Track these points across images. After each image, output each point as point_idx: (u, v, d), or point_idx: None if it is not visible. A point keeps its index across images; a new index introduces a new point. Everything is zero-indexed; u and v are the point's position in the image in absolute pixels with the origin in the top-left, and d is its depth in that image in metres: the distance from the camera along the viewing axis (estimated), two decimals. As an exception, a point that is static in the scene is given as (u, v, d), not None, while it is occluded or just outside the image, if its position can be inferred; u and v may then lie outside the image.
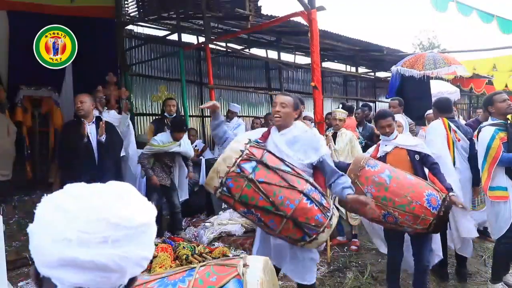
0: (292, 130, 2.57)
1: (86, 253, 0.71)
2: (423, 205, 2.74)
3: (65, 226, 0.72)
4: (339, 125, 4.74)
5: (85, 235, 0.71)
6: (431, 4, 6.75)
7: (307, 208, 2.17)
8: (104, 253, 0.71)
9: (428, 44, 26.22)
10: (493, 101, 3.50)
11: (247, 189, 2.15)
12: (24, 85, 6.11)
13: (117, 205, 0.76)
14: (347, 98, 11.66)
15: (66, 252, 0.71)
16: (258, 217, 2.23)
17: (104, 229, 0.72)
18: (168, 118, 5.40)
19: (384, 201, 2.80)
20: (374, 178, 2.85)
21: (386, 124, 3.24)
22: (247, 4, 5.49)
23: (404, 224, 2.82)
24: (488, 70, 10.63)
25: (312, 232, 2.20)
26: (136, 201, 0.80)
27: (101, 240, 0.71)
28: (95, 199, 0.75)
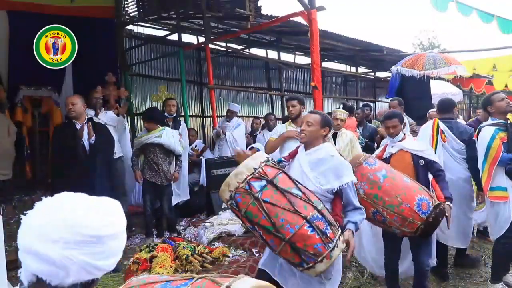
0: (318, 151, 2.53)
1: (42, 247, 0.87)
2: (413, 208, 2.75)
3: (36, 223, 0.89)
4: (339, 125, 4.73)
5: (45, 232, 0.87)
6: (431, 4, 6.75)
7: (307, 235, 2.13)
8: (55, 250, 0.87)
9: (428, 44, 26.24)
10: (491, 101, 3.51)
11: (252, 206, 2.19)
12: (24, 85, 6.11)
13: (81, 213, 0.90)
14: (347, 98, 11.66)
15: (32, 243, 0.88)
16: (260, 234, 2.25)
17: (60, 231, 0.87)
18: (169, 118, 5.40)
19: (375, 199, 2.83)
20: (369, 175, 2.87)
21: (391, 125, 3.26)
22: (247, 4, 5.49)
23: (391, 225, 2.85)
24: (488, 70, 10.62)
25: (310, 260, 2.15)
26: (104, 215, 0.92)
27: (55, 239, 0.86)
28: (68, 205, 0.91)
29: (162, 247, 4.07)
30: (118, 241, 0.97)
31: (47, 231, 0.88)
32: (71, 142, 3.81)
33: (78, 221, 0.90)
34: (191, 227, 5.50)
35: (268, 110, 10.76)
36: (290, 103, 4.25)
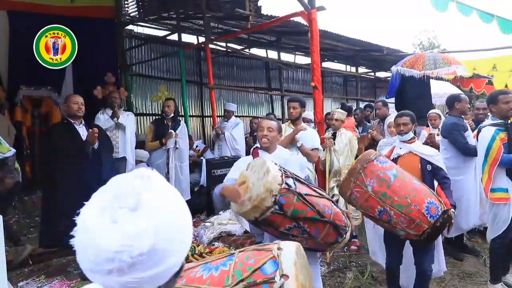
0: (281, 153, 2.80)
1: (99, 279, 0.76)
2: (421, 211, 2.69)
3: (81, 255, 0.77)
4: (336, 125, 4.73)
5: (94, 266, 0.74)
6: (431, 4, 6.75)
7: (338, 212, 2.41)
8: (114, 280, 0.74)
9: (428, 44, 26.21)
10: (497, 100, 3.42)
11: (297, 202, 2.25)
12: (24, 85, 6.12)
13: (118, 236, 0.73)
14: (347, 98, 11.66)
15: (88, 273, 0.78)
16: (303, 229, 2.32)
17: (107, 262, 0.73)
18: (167, 118, 5.40)
19: (383, 197, 2.76)
20: (379, 173, 2.81)
21: (402, 122, 3.24)
22: (247, 4, 5.49)
23: (397, 226, 2.78)
24: (488, 70, 10.62)
25: (344, 232, 2.43)
26: (136, 227, 0.75)
27: (107, 271, 0.73)
28: (100, 231, 0.74)
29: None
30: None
31: (95, 265, 0.78)
32: (73, 144, 3.76)
33: (118, 245, 0.77)
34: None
35: (268, 110, 10.76)
36: (291, 105, 4.26)
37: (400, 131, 3.25)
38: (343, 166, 4.64)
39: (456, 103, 4.29)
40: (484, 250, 4.42)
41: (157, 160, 5.27)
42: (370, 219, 3.09)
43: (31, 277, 3.91)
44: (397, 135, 3.32)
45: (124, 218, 0.73)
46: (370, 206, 2.83)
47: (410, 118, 3.27)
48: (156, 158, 5.28)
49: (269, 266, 1.12)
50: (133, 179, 0.78)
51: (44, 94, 6.36)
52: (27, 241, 4.84)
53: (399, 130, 3.25)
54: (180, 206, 0.82)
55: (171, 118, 5.36)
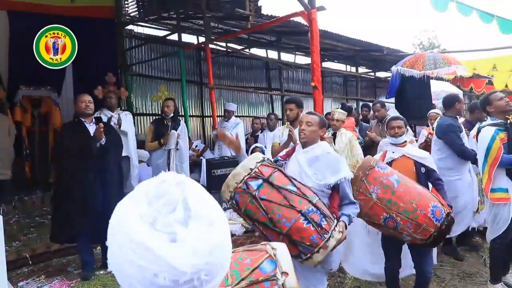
0: (315, 149, 2.66)
1: None
2: (427, 215, 2.69)
3: (133, 280, 0.69)
4: (336, 125, 4.73)
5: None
6: (431, 4, 6.75)
7: (303, 228, 2.24)
8: None
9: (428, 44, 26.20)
10: (490, 100, 3.45)
11: (251, 204, 2.32)
12: (23, 85, 6.12)
13: (195, 256, 0.68)
14: (347, 98, 11.66)
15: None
16: (260, 230, 2.42)
17: (183, 285, 0.67)
18: (167, 118, 5.39)
19: (389, 204, 2.75)
20: (382, 179, 2.81)
21: (397, 125, 3.27)
22: (247, 4, 5.49)
23: (403, 231, 2.76)
24: (488, 70, 10.62)
25: (307, 251, 2.26)
26: (205, 244, 0.70)
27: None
28: (168, 251, 0.67)
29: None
30: None
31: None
32: (82, 142, 3.77)
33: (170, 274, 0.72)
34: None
35: (268, 110, 10.76)
36: (288, 106, 4.24)
37: (395, 133, 3.28)
38: (343, 166, 4.64)
39: (457, 103, 4.26)
40: (484, 250, 4.42)
41: (157, 160, 5.26)
42: (373, 226, 3.05)
43: (31, 277, 3.91)
44: (390, 138, 3.35)
45: (183, 233, 0.67)
46: (375, 214, 2.81)
47: (403, 122, 3.33)
48: (156, 158, 5.27)
49: (267, 264, 1.15)
50: (173, 187, 0.72)
51: (44, 94, 6.36)
52: (27, 241, 4.84)
53: (394, 132, 3.29)
54: (215, 203, 0.78)
55: (171, 118, 5.35)
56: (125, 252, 0.67)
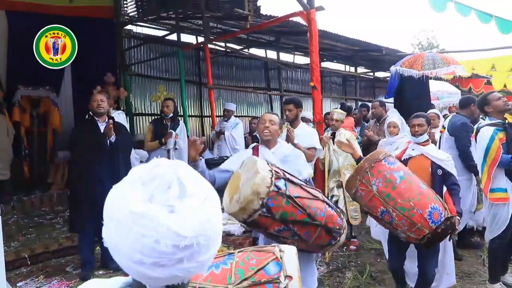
0: (282, 148, 2.80)
1: (161, 272, 0.72)
2: (424, 215, 2.66)
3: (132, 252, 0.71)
4: (335, 125, 4.74)
5: (162, 257, 0.70)
6: (430, 4, 6.75)
7: (332, 214, 2.39)
8: (180, 267, 0.72)
9: (427, 44, 26.25)
10: (488, 100, 3.45)
11: (286, 205, 2.20)
12: (22, 85, 6.11)
13: (193, 222, 0.72)
14: (346, 98, 11.67)
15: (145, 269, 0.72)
16: (294, 232, 2.26)
17: (183, 250, 0.71)
18: (166, 118, 5.38)
19: (387, 198, 2.74)
20: (386, 173, 2.78)
21: (418, 123, 3.17)
22: (246, 4, 5.49)
23: (398, 227, 2.77)
24: (487, 70, 10.64)
25: (337, 235, 2.42)
26: (201, 213, 0.74)
27: (178, 260, 0.71)
28: (170, 219, 0.70)
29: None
30: None
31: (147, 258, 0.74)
32: (95, 140, 3.80)
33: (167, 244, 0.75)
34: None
35: (267, 110, 10.76)
36: (287, 107, 4.26)
37: (415, 132, 3.18)
38: (342, 166, 4.65)
39: (472, 105, 4.25)
40: (483, 250, 4.44)
41: (156, 160, 5.25)
42: (373, 218, 3.09)
43: (30, 277, 3.91)
44: (411, 136, 3.25)
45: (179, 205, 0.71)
46: (373, 206, 2.82)
47: (425, 119, 3.20)
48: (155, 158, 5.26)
49: (272, 266, 1.15)
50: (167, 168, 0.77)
51: (43, 94, 6.35)
52: (26, 241, 4.84)
53: (414, 131, 3.18)
54: (208, 184, 0.82)
55: (170, 118, 5.35)
56: (124, 224, 0.69)
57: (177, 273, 0.72)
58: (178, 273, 0.72)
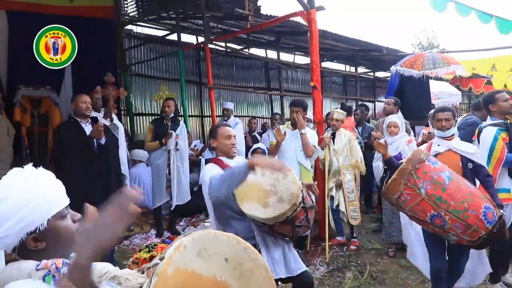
0: (240, 160, 2.72)
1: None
2: (479, 216, 2.54)
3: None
4: (336, 125, 4.75)
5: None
6: (430, 4, 6.75)
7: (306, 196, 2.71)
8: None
9: (427, 44, 26.26)
10: (495, 99, 3.43)
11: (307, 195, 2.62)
12: (22, 85, 6.10)
13: None
14: (346, 98, 11.67)
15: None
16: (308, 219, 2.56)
17: None
18: (167, 118, 5.39)
19: (438, 201, 2.59)
20: (432, 175, 2.64)
21: (444, 118, 3.03)
22: (246, 4, 5.49)
23: (451, 231, 2.61)
24: (487, 70, 10.62)
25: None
26: None
27: None
28: None
29: (162, 247, 4.07)
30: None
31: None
32: (81, 142, 3.82)
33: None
34: (191, 227, 5.52)
35: (268, 110, 10.77)
36: (295, 109, 4.29)
37: (442, 126, 3.04)
38: (342, 166, 4.66)
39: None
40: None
41: (156, 160, 5.25)
42: (417, 222, 2.88)
43: (30, 277, 3.90)
44: (436, 131, 3.13)
45: None
46: (421, 210, 2.66)
47: (452, 113, 3.07)
48: (155, 158, 5.26)
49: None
50: (8, 173, 1.20)
51: (43, 94, 6.34)
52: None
53: (441, 125, 3.04)
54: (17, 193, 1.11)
55: (170, 118, 5.35)
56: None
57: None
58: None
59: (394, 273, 3.97)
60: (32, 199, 1.11)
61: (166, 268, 0.98)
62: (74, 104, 3.99)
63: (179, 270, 1.00)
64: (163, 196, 5.24)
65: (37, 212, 1.11)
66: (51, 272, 1.06)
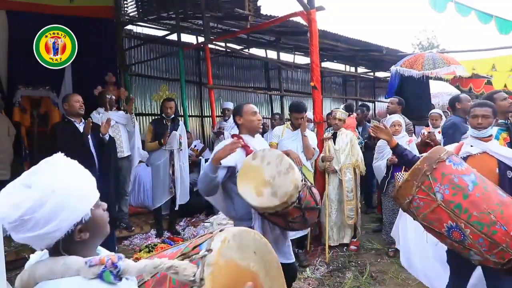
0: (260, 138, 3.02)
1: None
2: (510, 233, 2.02)
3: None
4: (338, 125, 4.74)
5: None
6: (429, 4, 6.75)
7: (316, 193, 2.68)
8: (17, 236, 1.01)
9: (427, 44, 26.24)
10: (494, 99, 3.43)
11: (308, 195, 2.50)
12: (22, 85, 6.11)
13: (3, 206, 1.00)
14: (346, 98, 11.67)
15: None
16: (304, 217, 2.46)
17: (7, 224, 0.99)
18: (167, 119, 5.38)
19: (457, 210, 2.11)
20: (453, 177, 2.17)
21: (482, 114, 2.56)
22: (246, 4, 5.49)
23: (472, 248, 2.11)
24: (487, 70, 10.62)
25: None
26: (15, 200, 1.01)
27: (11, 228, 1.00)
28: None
29: (162, 247, 4.07)
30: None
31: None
32: (77, 141, 3.85)
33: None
34: (191, 227, 5.51)
35: (268, 110, 10.76)
36: (301, 115, 4.32)
37: (478, 124, 2.57)
38: (344, 165, 4.65)
39: (457, 103, 4.28)
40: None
41: (156, 161, 5.23)
42: (433, 234, 2.34)
43: (30, 277, 3.90)
44: (471, 129, 2.66)
45: (18, 192, 1.02)
46: (437, 219, 2.19)
47: (492, 109, 2.60)
48: (156, 159, 5.24)
49: (206, 243, 1.22)
50: (47, 165, 1.07)
51: (43, 94, 6.34)
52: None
53: (476, 123, 2.58)
54: (52, 190, 1.03)
55: (170, 118, 5.36)
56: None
57: (21, 240, 1.00)
58: (22, 240, 1.00)
59: (394, 273, 3.97)
60: (81, 188, 1.08)
61: (218, 259, 1.13)
62: (68, 104, 4.03)
63: (227, 261, 1.18)
64: (163, 196, 5.23)
65: (85, 201, 1.08)
66: (107, 268, 1.00)
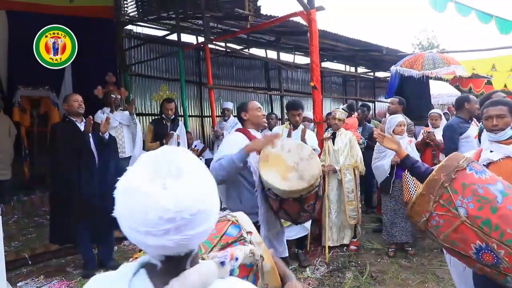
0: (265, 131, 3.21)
1: (153, 240, 0.81)
2: None
3: (133, 221, 0.82)
4: (337, 125, 4.73)
5: (153, 228, 0.80)
6: (430, 4, 6.75)
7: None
8: (169, 239, 0.81)
9: (427, 44, 26.26)
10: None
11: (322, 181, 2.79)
12: (22, 85, 6.11)
13: (178, 198, 0.82)
14: (346, 98, 11.67)
15: (140, 237, 0.82)
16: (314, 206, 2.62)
17: (167, 222, 0.80)
18: (167, 119, 5.38)
19: (486, 227, 1.72)
20: (477, 188, 1.79)
21: (496, 114, 2.23)
22: (246, 4, 5.49)
23: (509, 273, 1.74)
24: (487, 70, 10.62)
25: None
26: (188, 190, 0.85)
27: (164, 232, 0.80)
28: (159, 195, 0.81)
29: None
30: None
31: (150, 228, 0.86)
32: (78, 141, 3.83)
33: (169, 208, 0.87)
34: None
35: (268, 110, 10.76)
36: (297, 112, 4.37)
37: (493, 126, 2.24)
38: (343, 166, 4.65)
39: (466, 103, 4.27)
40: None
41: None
42: (458, 258, 1.93)
43: (30, 277, 3.91)
44: (487, 133, 2.32)
45: (173, 184, 0.82)
46: (461, 239, 1.80)
47: (508, 108, 2.25)
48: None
49: (232, 229, 1.24)
50: (167, 153, 0.89)
51: (42, 94, 6.35)
52: (26, 241, 4.84)
53: (491, 125, 2.25)
54: (208, 173, 0.92)
55: (170, 119, 5.36)
56: (125, 197, 0.82)
57: (166, 243, 0.81)
58: (167, 244, 0.81)
59: (394, 273, 3.97)
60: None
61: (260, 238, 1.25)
62: (67, 104, 4.00)
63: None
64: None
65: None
66: (232, 262, 0.98)
